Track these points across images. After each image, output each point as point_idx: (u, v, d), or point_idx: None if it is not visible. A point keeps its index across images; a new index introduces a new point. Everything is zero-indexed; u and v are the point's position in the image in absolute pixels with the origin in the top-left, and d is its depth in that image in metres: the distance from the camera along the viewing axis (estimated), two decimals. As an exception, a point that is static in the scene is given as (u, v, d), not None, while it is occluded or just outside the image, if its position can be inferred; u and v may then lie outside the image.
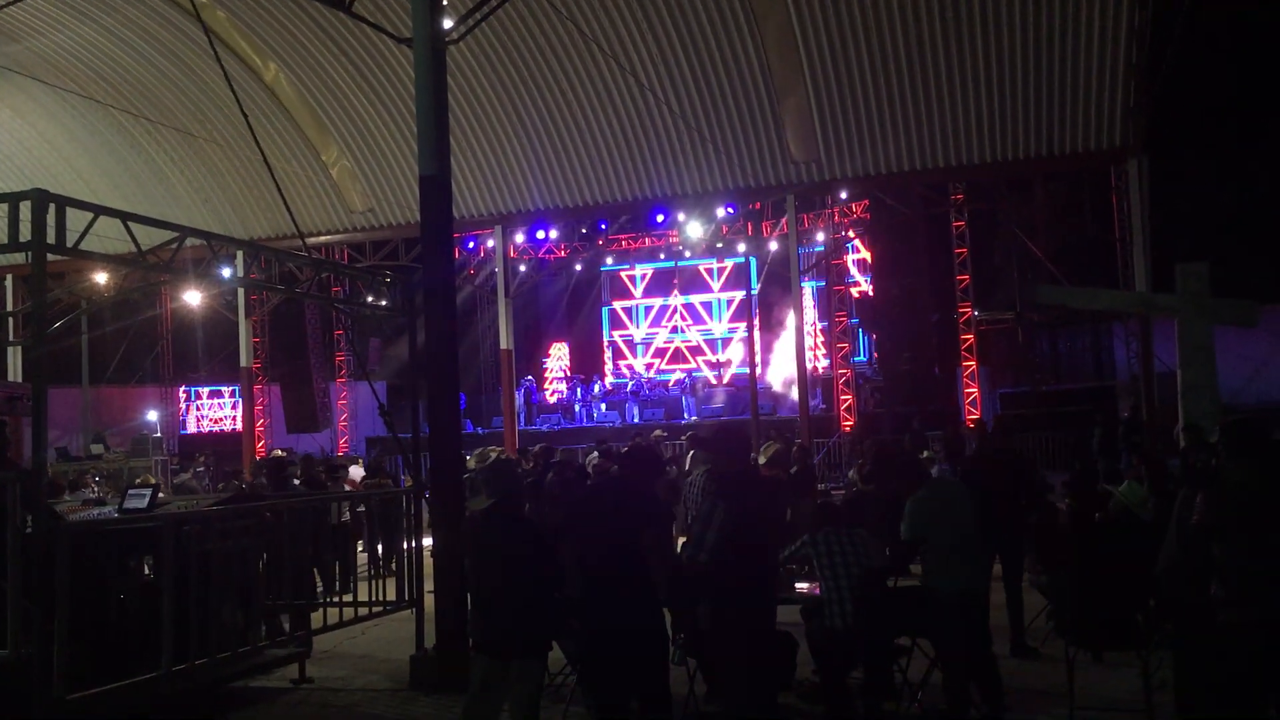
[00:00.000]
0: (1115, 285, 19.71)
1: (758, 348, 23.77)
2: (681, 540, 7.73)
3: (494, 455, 12.87)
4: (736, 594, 5.36)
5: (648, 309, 29.00)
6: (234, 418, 28.84)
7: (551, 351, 29.34)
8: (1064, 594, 7.07)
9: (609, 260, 28.59)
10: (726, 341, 27.95)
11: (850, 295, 24.54)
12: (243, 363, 24.21)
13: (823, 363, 25.04)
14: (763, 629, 5.56)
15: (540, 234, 23.73)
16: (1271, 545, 5.36)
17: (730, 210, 22.21)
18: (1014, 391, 23.80)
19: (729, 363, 27.51)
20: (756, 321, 24.61)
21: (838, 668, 6.83)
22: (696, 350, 28.18)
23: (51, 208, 6.32)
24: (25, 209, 6.29)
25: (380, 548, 13.52)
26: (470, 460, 11.81)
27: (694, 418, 23.67)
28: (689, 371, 27.10)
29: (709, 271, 28.27)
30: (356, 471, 16.91)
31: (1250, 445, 5.74)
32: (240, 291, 23.26)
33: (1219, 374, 14.36)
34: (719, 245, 26.25)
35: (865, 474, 13.20)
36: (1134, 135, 18.44)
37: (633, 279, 29.07)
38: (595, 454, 16.39)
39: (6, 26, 17.87)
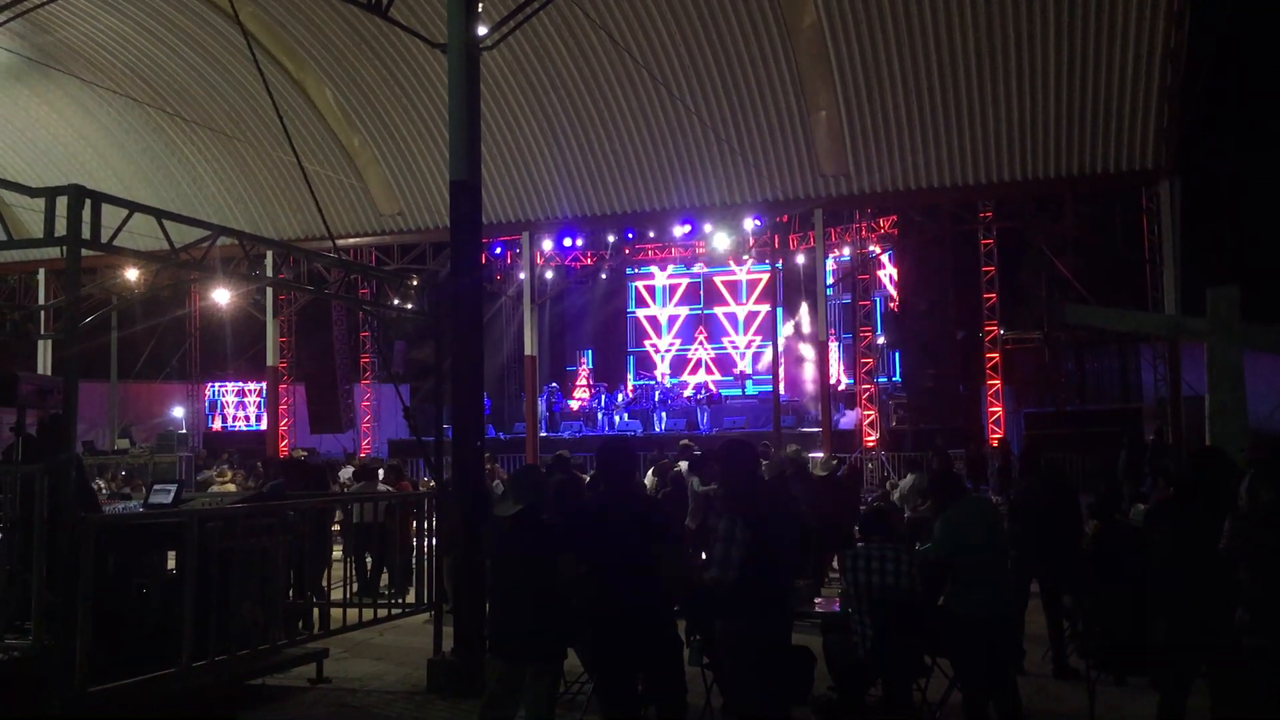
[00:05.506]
0: (1144, 307, 19.54)
1: (780, 361, 23.69)
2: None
3: None
4: (754, 608, 5.33)
5: (672, 319, 28.99)
6: (258, 416, 29.02)
7: (581, 360, 29.33)
8: (1088, 617, 7.01)
9: (635, 269, 28.62)
10: (749, 353, 27.89)
11: (876, 310, 24.42)
12: (269, 362, 24.41)
13: (846, 380, 24.98)
14: (779, 643, 5.53)
15: (567, 241, 23.77)
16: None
17: (758, 222, 22.18)
18: (1039, 411, 23.61)
19: (751, 374, 27.46)
20: (781, 334, 24.56)
21: (856, 684, 6.78)
22: (719, 360, 28.13)
23: (87, 203, 6.38)
24: (60, 204, 6.35)
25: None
26: None
27: (715, 430, 23.58)
28: (711, 382, 27.03)
29: (734, 283, 28.26)
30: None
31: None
32: (269, 291, 23.45)
33: (1248, 399, 14.18)
34: (745, 257, 26.24)
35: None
36: (1166, 156, 18.30)
37: (656, 290, 29.09)
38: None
39: (37, 17, 18.06)
